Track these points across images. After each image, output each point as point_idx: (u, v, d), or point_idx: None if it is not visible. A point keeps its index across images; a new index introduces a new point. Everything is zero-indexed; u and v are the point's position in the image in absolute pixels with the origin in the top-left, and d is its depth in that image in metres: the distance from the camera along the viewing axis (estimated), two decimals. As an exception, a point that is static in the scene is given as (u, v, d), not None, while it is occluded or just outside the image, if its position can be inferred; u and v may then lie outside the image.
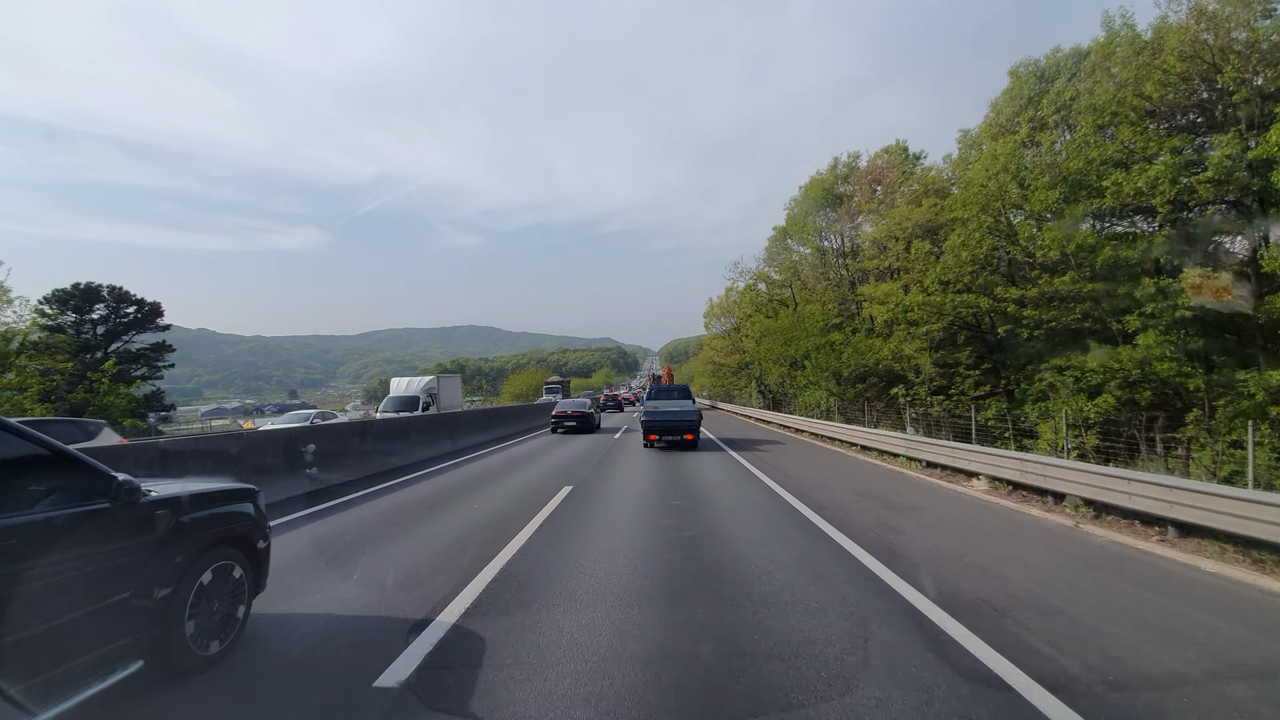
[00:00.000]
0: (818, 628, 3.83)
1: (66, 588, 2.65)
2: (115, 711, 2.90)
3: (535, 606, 4.25)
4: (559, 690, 3.05)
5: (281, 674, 3.31)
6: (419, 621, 3.96)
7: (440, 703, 2.97)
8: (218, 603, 3.47)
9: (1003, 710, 2.86)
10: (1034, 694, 3.01)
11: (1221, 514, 5.75)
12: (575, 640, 3.66)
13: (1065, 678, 3.19)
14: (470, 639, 3.71)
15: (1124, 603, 4.43)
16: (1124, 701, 2.97)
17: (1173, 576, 5.12)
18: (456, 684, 3.15)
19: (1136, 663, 3.40)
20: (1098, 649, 3.56)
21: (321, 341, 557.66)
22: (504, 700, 2.96)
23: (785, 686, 3.07)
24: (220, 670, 3.33)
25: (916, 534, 6.54)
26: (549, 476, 10.85)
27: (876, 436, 14.76)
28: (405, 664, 3.36)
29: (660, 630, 3.79)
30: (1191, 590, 4.76)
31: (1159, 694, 3.05)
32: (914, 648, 3.54)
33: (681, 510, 7.72)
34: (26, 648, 2.47)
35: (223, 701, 3.04)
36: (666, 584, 4.76)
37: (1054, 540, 6.34)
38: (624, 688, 3.07)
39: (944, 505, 8.38)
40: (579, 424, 21.25)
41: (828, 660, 3.36)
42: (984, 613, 4.12)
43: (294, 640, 3.76)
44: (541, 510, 7.70)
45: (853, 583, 4.78)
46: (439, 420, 16.86)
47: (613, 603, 4.32)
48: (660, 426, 15.70)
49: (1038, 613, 4.14)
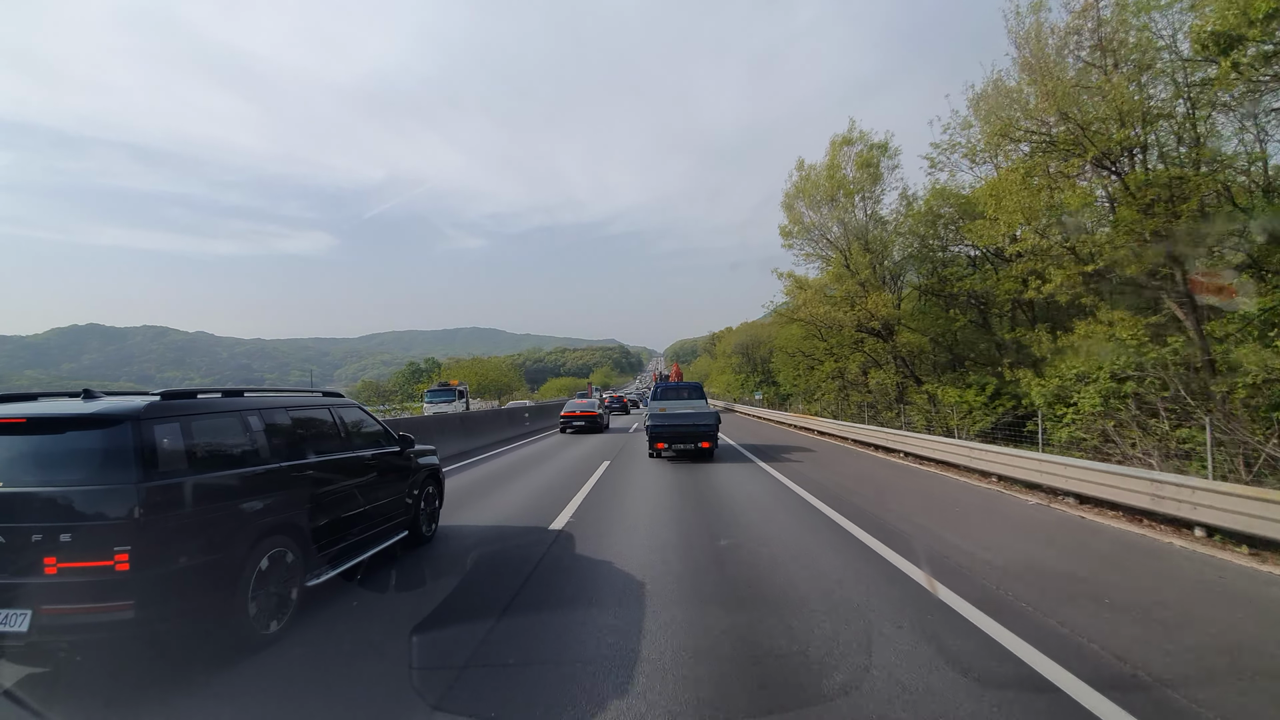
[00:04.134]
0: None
1: (383, 487, 5.63)
2: (410, 557, 5.88)
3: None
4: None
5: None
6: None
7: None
8: (431, 505, 6.48)
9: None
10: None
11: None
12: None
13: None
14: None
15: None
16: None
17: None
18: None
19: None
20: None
21: (321, 344, 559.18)
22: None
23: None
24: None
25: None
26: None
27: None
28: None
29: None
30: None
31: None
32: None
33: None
34: (370, 513, 5.42)
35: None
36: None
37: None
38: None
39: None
40: (588, 424, 22.91)
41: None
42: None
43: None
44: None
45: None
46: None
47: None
48: (670, 433, 12.99)
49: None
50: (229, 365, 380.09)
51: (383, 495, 5.56)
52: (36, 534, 3.11)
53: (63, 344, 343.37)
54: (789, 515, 7.42)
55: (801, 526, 6.85)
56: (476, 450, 15.89)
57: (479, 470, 12.31)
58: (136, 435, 3.34)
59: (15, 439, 3.36)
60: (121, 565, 3.13)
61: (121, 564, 3.13)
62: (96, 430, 3.34)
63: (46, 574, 3.09)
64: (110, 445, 3.31)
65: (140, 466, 3.28)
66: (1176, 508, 6.47)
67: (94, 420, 3.36)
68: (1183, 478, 6.66)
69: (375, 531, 5.38)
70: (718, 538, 6.25)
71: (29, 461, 3.32)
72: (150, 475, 3.31)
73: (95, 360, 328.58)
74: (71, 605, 3.09)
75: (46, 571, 3.09)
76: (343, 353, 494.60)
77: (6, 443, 3.34)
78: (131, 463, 3.27)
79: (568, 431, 22.79)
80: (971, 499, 8.78)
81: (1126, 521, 7.08)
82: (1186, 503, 6.34)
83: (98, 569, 3.11)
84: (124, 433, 3.32)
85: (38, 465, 3.31)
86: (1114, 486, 7.35)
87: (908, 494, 9.28)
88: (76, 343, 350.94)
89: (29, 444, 3.37)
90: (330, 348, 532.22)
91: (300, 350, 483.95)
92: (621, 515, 7.41)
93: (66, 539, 3.11)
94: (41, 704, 3.17)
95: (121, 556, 3.13)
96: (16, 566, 3.10)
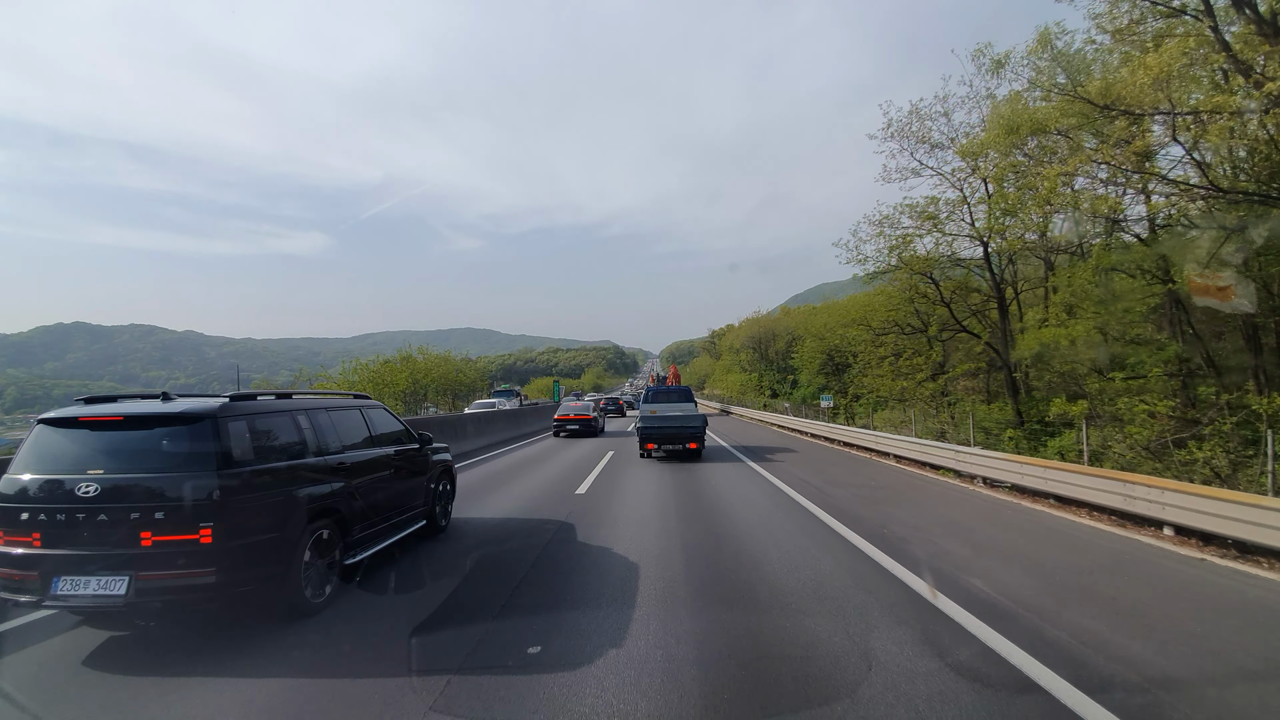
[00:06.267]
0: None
1: (406, 479, 6.27)
2: (446, 534, 6.53)
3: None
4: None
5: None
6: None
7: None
8: (445, 498, 7.14)
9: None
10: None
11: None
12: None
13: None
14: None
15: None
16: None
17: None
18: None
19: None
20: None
21: (313, 344, 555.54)
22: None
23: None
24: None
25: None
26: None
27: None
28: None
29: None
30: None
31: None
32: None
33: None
34: (395, 502, 6.05)
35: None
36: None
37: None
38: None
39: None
40: (581, 428, 22.22)
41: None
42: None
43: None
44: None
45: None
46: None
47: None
48: (659, 434, 13.76)
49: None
50: (217, 365, 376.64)
51: (405, 487, 6.21)
52: (135, 513, 3.74)
53: (47, 342, 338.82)
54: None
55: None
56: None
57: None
58: (214, 431, 3.98)
59: (114, 434, 3.99)
60: (205, 539, 3.76)
61: (205, 538, 3.77)
62: (183, 426, 3.98)
63: (143, 545, 3.72)
64: (194, 438, 3.95)
65: (219, 456, 3.92)
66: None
67: (181, 418, 3.99)
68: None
69: (400, 519, 6.02)
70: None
71: (125, 453, 3.95)
72: (227, 463, 3.95)
73: (79, 359, 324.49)
74: (165, 571, 3.72)
75: (143, 544, 3.72)
76: (334, 353, 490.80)
77: (107, 437, 3.97)
78: (212, 453, 3.92)
79: (561, 435, 22.49)
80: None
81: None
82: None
83: (186, 541, 3.74)
84: (205, 428, 3.97)
85: (133, 456, 3.94)
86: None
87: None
88: (62, 341, 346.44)
89: (125, 438, 4.00)
90: (322, 348, 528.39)
91: (291, 350, 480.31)
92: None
93: (160, 516, 3.74)
94: (41, 704, 3.35)
95: (205, 531, 3.77)
96: (117, 539, 3.73)
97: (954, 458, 11.76)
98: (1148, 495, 7.13)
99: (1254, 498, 6.14)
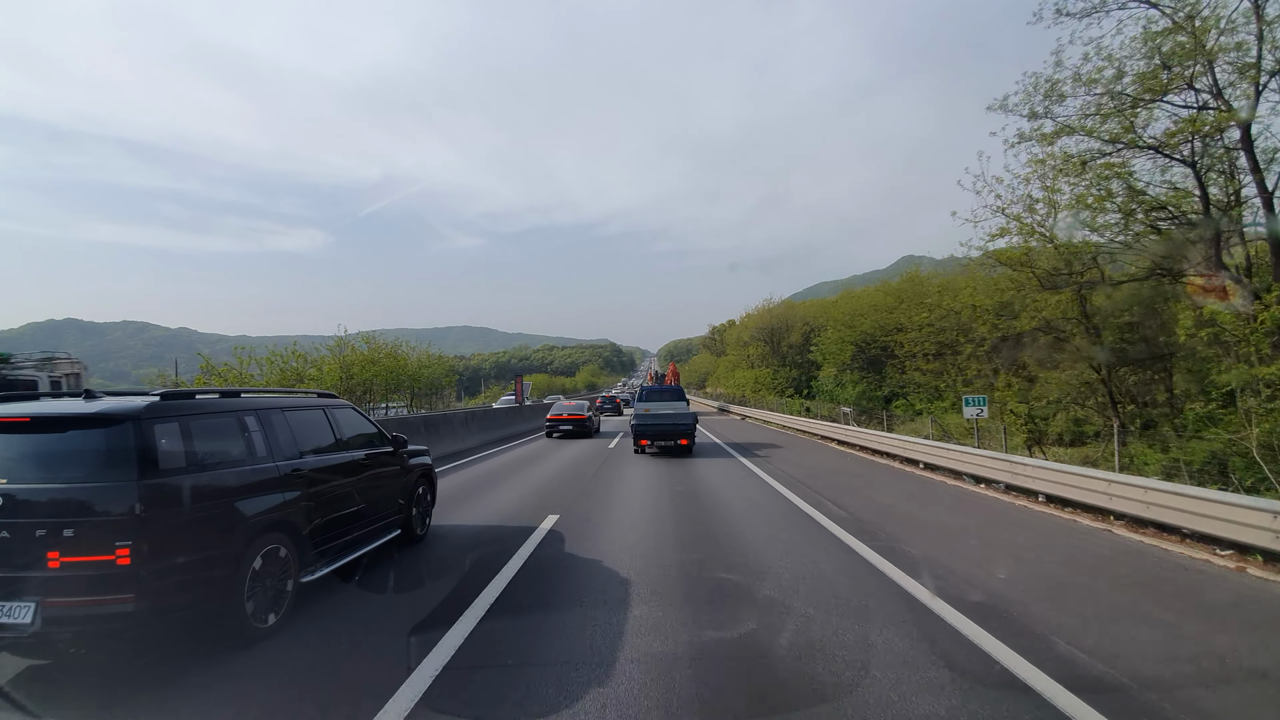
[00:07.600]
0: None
1: (377, 486, 5.74)
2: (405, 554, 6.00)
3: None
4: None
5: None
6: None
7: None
8: (423, 504, 6.61)
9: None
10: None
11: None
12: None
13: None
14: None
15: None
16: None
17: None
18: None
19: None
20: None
21: (308, 341, 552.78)
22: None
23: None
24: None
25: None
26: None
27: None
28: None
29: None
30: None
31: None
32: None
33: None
34: (364, 511, 5.52)
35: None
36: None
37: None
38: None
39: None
40: (575, 428, 21.55)
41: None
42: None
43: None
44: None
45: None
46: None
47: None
48: (652, 431, 14.32)
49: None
50: (211, 362, 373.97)
51: (376, 494, 5.67)
52: (40, 529, 3.20)
53: (38, 339, 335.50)
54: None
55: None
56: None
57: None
58: (137, 434, 3.44)
59: (19, 437, 3.44)
60: (123, 560, 3.22)
61: (122, 558, 3.22)
62: (98, 429, 3.44)
63: (50, 568, 3.18)
64: (111, 444, 3.40)
65: (140, 465, 3.38)
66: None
67: (95, 420, 3.45)
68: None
69: (369, 530, 5.48)
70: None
71: (33, 459, 3.40)
72: (150, 473, 3.40)
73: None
74: (74, 598, 3.18)
75: (50, 565, 3.18)
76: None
77: (11, 441, 3.42)
78: (132, 461, 3.37)
79: (554, 436, 21.76)
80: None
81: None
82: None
83: (99, 563, 3.20)
84: (125, 432, 3.42)
85: (41, 463, 3.39)
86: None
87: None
88: (53, 337, 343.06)
89: (33, 442, 3.45)
90: (314, 345, 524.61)
91: (285, 347, 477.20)
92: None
93: (69, 534, 3.20)
94: (39, 704, 3.21)
95: (122, 551, 3.23)
96: (21, 560, 3.19)
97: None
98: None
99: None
